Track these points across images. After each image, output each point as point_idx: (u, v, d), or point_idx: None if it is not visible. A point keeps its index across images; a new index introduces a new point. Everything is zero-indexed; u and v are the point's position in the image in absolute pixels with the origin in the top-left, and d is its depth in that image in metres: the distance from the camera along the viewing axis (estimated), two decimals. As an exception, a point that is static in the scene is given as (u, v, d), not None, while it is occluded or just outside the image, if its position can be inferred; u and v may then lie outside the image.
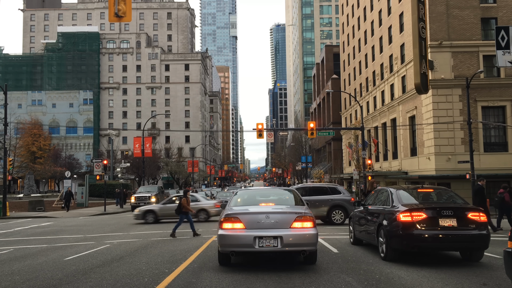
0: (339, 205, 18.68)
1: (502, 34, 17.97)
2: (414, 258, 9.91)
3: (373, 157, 46.25)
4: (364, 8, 52.68)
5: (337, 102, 67.89)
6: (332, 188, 19.68)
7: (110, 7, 11.78)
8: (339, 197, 18.98)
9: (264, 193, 10.96)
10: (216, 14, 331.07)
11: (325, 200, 18.62)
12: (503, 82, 32.98)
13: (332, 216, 18.63)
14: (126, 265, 9.46)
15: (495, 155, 32.49)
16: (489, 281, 7.62)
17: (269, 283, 7.39)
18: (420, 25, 25.41)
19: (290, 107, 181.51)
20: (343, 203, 18.78)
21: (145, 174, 57.92)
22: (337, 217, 18.66)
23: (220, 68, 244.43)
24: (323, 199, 18.58)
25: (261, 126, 33.12)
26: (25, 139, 74.57)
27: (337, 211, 18.68)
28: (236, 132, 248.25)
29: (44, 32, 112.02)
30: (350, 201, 18.90)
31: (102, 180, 42.57)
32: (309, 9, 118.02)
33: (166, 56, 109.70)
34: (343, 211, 18.72)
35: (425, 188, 10.68)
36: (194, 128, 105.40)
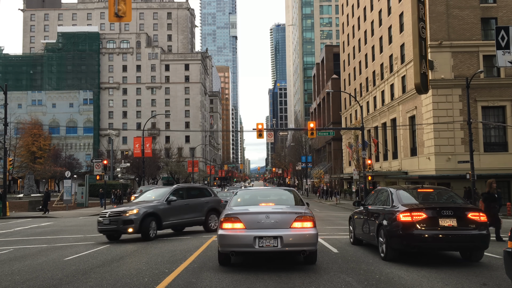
0: (214, 208, 16.75)
1: (502, 34, 17.97)
2: (414, 258, 9.91)
3: (373, 157, 46.26)
4: (364, 8, 52.68)
5: (337, 102, 67.90)
6: (205, 189, 17.67)
7: (110, 7, 11.78)
8: (213, 199, 17.04)
9: (264, 193, 10.94)
10: (216, 14, 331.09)
11: (203, 203, 16.43)
12: (503, 82, 32.99)
13: (208, 222, 16.42)
14: (126, 265, 9.46)
15: (495, 155, 32.51)
16: (489, 281, 7.62)
17: (269, 283, 7.39)
18: (420, 25, 25.41)
19: (290, 107, 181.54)
20: (217, 206, 16.92)
21: (145, 174, 57.92)
22: (212, 222, 16.48)
23: (220, 68, 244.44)
24: (202, 202, 16.40)
25: (261, 126, 33.12)
26: (25, 139, 74.56)
27: (212, 216, 16.57)
28: (236, 132, 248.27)
29: (44, 32, 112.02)
30: (221, 203, 17.24)
31: (102, 180, 42.57)
32: (309, 9, 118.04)
33: (166, 56, 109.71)
34: (217, 216, 16.50)
35: (425, 188, 10.68)
36: (194, 128, 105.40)
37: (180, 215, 15.29)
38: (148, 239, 13.96)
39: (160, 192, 15.92)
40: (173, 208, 15.11)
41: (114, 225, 13.86)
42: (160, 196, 15.30)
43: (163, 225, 14.79)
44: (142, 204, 14.51)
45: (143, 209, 14.10)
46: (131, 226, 13.79)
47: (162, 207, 14.74)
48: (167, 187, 16.83)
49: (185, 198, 15.76)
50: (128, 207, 14.42)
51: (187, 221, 15.72)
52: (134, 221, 13.83)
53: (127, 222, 13.80)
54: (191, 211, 15.76)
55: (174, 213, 15.13)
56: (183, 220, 15.56)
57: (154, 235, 14.25)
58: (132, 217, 13.83)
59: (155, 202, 14.85)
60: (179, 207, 15.26)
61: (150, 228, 14.06)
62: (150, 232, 14.05)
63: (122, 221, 13.80)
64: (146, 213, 14.10)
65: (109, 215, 14.12)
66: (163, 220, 14.70)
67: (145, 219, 13.99)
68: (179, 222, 15.55)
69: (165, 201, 14.96)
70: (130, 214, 13.84)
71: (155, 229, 14.41)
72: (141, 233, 14.05)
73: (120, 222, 13.80)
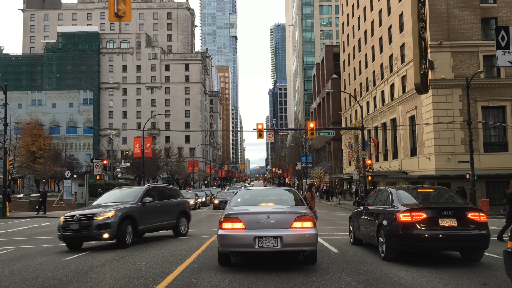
0: (185, 211, 15.49)
1: (502, 34, 17.96)
2: (414, 258, 9.91)
3: (373, 157, 46.26)
4: (364, 8, 52.68)
5: (337, 102, 67.90)
6: (174, 189, 16.24)
7: (110, 7, 11.78)
8: (182, 201, 15.79)
9: (264, 193, 10.95)
10: (216, 14, 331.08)
11: (175, 204, 15.11)
12: (503, 82, 32.99)
13: (179, 226, 15.05)
14: (126, 265, 9.46)
15: (495, 155, 32.51)
16: (489, 281, 7.62)
17: (269, 283, 7.39)
18: (420, 25, 25.41)
19: (290, 107, 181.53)
20: (187, 209, 15.73)
21: (145, 174, 57.94)
22: (182, 226, 15.20)
23: (220, 68, 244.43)
24: (173, 204, 15.08)
25: (261, 126, 33.12)
26: (25, 139, 74.57)
27: (183, 219, 15.28)
28: (236, 132, 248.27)
29: (44, 32, 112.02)
30: (189, 205, 16.30)
31: (102, 180, 42.59)
32: (309, 9, 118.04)
33: (166, 56, 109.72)
34: (186, 219, 15.54)
35: (425, 188, 10.68)
36: (194, 128, 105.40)
37: (154, 218, 13.79)
38: (124, 246, 12.19)
39: (129, 192, 14.19)
40: (148, 211, 13.46)
41: (85, 230, 11.86)
42: (132, 196, 13.48)
43: (139, 229, 12.99)
44: (117, 206, 12.55)
45: (119, 211, 12.22)
46: (107, 231, 11.85)
47: (138, 209, 12.95)
48: (137, 186, 15.20)
49: (157, 199, 14.17)
50: (100, 208, 12.38)
51: (161, 225, 14.24)
52: (111, 225, 11.89)
53: (102, 226, 11.84)
54: (164, 213, 14.28)
55: (149, 216, 13.51)
56: (157, 224, 14.03)
57: (130, 241, 12.49)
58: (108, 221, 11.88)
59: (130, 203, 12.99)
60: (153, 209, 13.73)
61: (127, 233, 12.32)
62: (127, 238, 12.32)
63: (96, 226, 11.81)
64: (123, 216, 12.25)
65: (78, 218, 11.98)
66: (139, 224, 12.91)
67: (122, 222, 12.16)
68: (153, 226, 13.92)
69: (140, 202, 13.19)
70: (106, 217, 11.89)
71: (131, 234, 12.62)
72: (117, 239, 12.18)
73: (94, 226, 11.80)
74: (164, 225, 14.31)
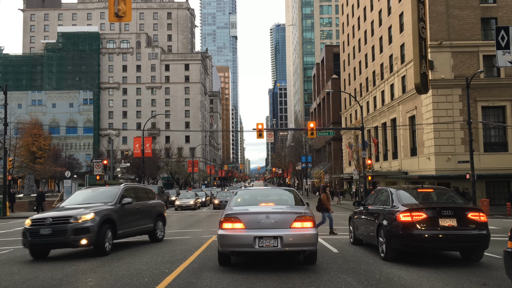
0: (161, 214, 14.16)
1: (502, 34, 17.97)
2: (414, 258, 9.91)
3: (373, 157, 46.26)
4: (364, 8, 52.68)
5: (337, 102, 67.90)
6: (149, 190, 14.71)
7: (110, 7, 11.78)
8: (158, 203, 14.35)
9: (264, 193, 10.95)
10: (216, 14, 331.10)
11: (152, 206, 13.76)
12: (503, 82, 33.00)
13: (156, 230, 13.63)
14: (126, 265, 9.46)
15: (495, 155, 32.52)
16: (489, 281, 7.63)
17: (269, 283, 7.39)
18: (420, 25, 25.41)
19: (290, 107, 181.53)
20: (163, 211, 14.35)
21: (145, 174, 57.95)
22: (159, 230, 13.84)
23: (220, 68, 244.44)
24: (150, 206, 13.68)
25: (261, 126, 33.12)
26: (25, 139, 74.52)
27: (159, 223, 13.87)
28: (236, 132, 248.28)
29: (44, 32, 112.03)
30: (164, 208, 14.83)
31: (102, 180, 42.54)
32: (309, 9, 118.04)
33: (166, 56, 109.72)
34: (163, 223, 14.19)
35: (425, 188, 10.68)
36: (194, 128, 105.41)
37: (133, 222, 12.41)
38: (103, 253, 10.72)
39: (103, 192, 12.70)
40: (127, 213, 12.04)
41: (59, 235, 10.26)
42: (109, 197, 11.97)
43: (118, 234, 11.54)
44: (95, 208, 11.04)
45: (99, 213, 10.79)
46: (85, 237, 10.37)
47: (117, 212, 11.51)
48: (112, 186, 13.79)
49: (134, 200, 12.73)
50: (77, 210, 10.85)
51: (139, 230, 12.84)
52: (90, 229, 10.41)
53: (80, 231, 10.33)
54: (142, 216, 12.92)
55: (128, 220, 12.08)
56: (136, 229, 12.62)
57: (109, 248, 11.04)
58: (87, 225, 10.40)
59: (109, 204, 11.50)
60: (132, 212, 12.36)
61: (106, 239, 10.89)
62: (106, 245, 10.86)
63: (73, 230, 10.27)
64: (104, 219, 10.84)
65: (51, 221, 10.36)
66: (118, 228, 11.48)
67: (102, 227, 10.75)
68: (132, 231, 12.47)
69: (119, 204, 11.76)
70: (84, 221, 10.41)
71: (111, 239, 11.22)
72: (95, 246, 10.68)
73: (70, 231, 10.25)
74: (142, 230, 12.96)
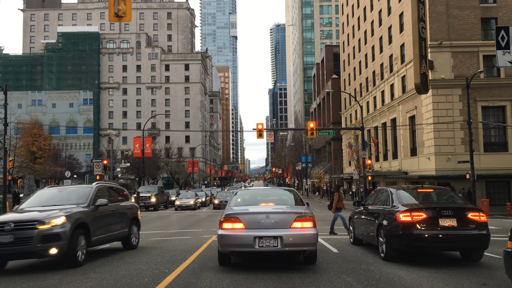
0: (136, 217, 12.39)
1: (502, 34, 17.98)
2: (414, 258, 9.92)
3: (373, 157, 46.26)
4: (364, 8, 52.68)
5: (337, 102, 67.89)
6: (122, 190, 12.71)
7: (110, 7, 11.78)
8: (132, 205, 12.54)
9: (264, 193, 10.96)
10: (216, 14, 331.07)
11: (126, 209, 11.96)
12: (503, 82, 33.00)
13: (131, 236, 11.85)
14: (126, 265, 9.46)
15: (495, 155, 32.51)
16: (489, 281, 7.63)
17: (269, 283, 7.39)
18: (420, 25, 25.42)
19: (290, 107, 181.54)
20: (137, 214, 12.57)
21: (145, 174, 57.96)
22: (134, 236, 12.08)
23: (220, 68, 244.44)
24: (125, 208, 11.90)
25: (261, 126, 33.12)
26: (25, 139, 74.50)
27: (134, 228, 12.09)
28: (236, 132, 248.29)
29: (44, 32, 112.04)
30: (139, 210, 12.94)
31: (102, 180, 42.57)
32: (309, 9, 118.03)
33: (166, 56, 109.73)
34: (137, 227, 12.45)
35: (425, 188, 10.69)
36: (194, 128, 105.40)
37: (108, 227, 10.71)
38: (75, 264, 9.06)
39: (73, 191, 10.98)
40: (102, 217, 10.38)
41: (23, 244, 8.46)
42: (80, 197, 10.27)
43: (92, 241, 9.86)
44: (66, 210, 9.28)
45: (71, 217, 9.07)
46: (56, 245, 8.61)
47: (91, 215, 9.86)
48: (82, 185, 12.26)
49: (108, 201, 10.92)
50: (46, 213, 9.05)
51: (114, 235, 11.09)
52: (62, 236, 8.67)
53: (49, 238, 8.58)
54: (117, 220, 11.23)
55: (102, 224, 10.40)
56: (111, 234, 10.88)
57: (82, 258, 9.35)
58: (57, 230, 8.63)
59: (82, 206, 9.81)
60: (107, 215, 10.68)
61: (79, 247, 9.21)
62: (79, 254, 9.16)
63: (41, 237, 8.50)
64: (77, 224, 9.18)
65: (13, 227, 8.52)
66: (93, 234, 9.81)
67: (75, 232, 9.06)
68: (107, 237, 10.73)
69: (93, 205, 10.08)
70: (54, 226, 8.65)
71: (85, 248, 9.50)
72: (66, 256, 8.89)
73: (37, 238, 8.47)
74: (117, 236, 11.22)
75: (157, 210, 35.37)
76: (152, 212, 33.27)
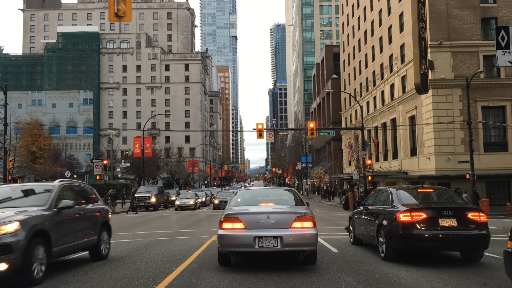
0: (107, 222, 10.59)
1: (502, 34, 17.98)
2: (414, 258, 9.92)
3: (373, 157, 46.26)
4: (364, 8, 52.68)
5: (337, 102, 67.90)
6: (90, 189, 10.73)
7: (110, 7, 11.78)
8: (101, 207, 10.60)
9: (264, 193, 10.96)
10: (216, 14, 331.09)
11: (94, 212, 10.10)
12: (503, 82, 33.00)
13: (100, 244, 10.00)
14: (126, 265, 9.46)
15: (495, 155, 32.52)
16: (489, 281, 7.63)
17: (269, 283, 7.39)
18: (420, 25, 25.42)
19: (290, 107, 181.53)
20: (107, 219, 10.69)
21: (145, 174, 57.95)
22: (103, 244, 10.20)
23: (220, 68, 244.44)
24: (93, 211, 10.05)
25: (261, 126, 33.13)
26: (25, 139, 74.49)
27: (104, 234, 10.26)
28: (236, 132, 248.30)
29: (44, 32, 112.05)
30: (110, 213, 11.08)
31: (102, 180, 42.55)
32: (309, 9, 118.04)
33: (166, 56, 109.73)
34: (108, 234, 10.61)
35: (425, 188, 10.69)
36: (194, 128, 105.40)
37: (73, 235, 8.85)
38: (31, 282, 7.18)
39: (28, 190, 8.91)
40: (66, 222, 8.55)
41: None
42: (38, 198, 8.50)
43: (53, 253, 7.96)
44: (21, 213, 7.44)
45: (26, 222, 7.22)
46: (6, 259, 6.74)
47: (52, 220, 8.01)
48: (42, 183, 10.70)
49: (74, 203, 9.06)
50: None
51: (80, 244, 9.18)
52: (14, 247, 6.86)
53: None
54: (84, 226, 9.42)
55: (67, 231, 8.57)
56: (76, 244, 8.97)
57: (41, 275, 7.47)
58: (8, 240, 6.84)
59: (41, 209, 7.96)
60: (72, 220, 8.87)
61: (36, 261, 7.35)
62: (36, 268, 7.33)
63: None
64: (35, 231, 7.33)
65: None
66: (54, 244, 7.92)
67: (31, 242, 7.20)
68: (72, 247, 8.84)
69: (54, 208, 8.24)
70: (4, 234, 6.84)
71: (44, 262, 7.63)
72: (19, 272, 6.98)
73: None
74: (84, 244, 9.37)
75: (157, 210, 35.38)
76: (152, 212, 33.29)
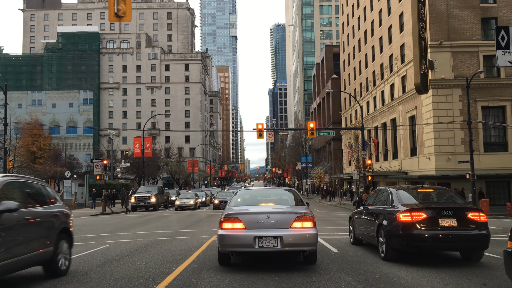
0: (66, 228, 8.49)
1: (502, 34, 17.99)
2: (414, 258, 9.91)
3: (373, 157, 46.26)
4: (364, 8, 52.68)
5: (337, 102, 67.90)
6: (44, 187, 8.48)
7: (110, 7, 11.78)
8: (60, 210, 8.50)
9: (264, 193, 10.95)
10: (216, 14, 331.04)
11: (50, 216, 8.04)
12: (503, 82, 33.00)
13: (57, 256, 7.95)
14: (126, 265, 9.46)
15: (495, 155, 32.53)
16: (489, 281, 7.63)
17: (269, 283, 7.39)
18: (420, 25, 25.42)
19: (290, 107, 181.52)
20: (67, 224, 8.62)
21: (145, 174, 57.96)
22: (62, 256, 8.17)
23: (220, 68, 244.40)
24: (48, 215, 7.99)
25: (261, 126, 33.14)
26: (25, 139, 74.49)
27: (63, 244, 8.27)
28: (236, 132, 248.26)
29: (44, 32, 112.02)
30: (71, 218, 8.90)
31: (102, 180, 42.57)
32: (309, 9, 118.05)
33: (166, 56, 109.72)
34: (68, 243, 8.55)
35: (425, 188, 10.68)
36: (194, 128, 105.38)
37: (19, 246, 6.81)
38: None
39: None
40: (11, 229, 6.59)
41: None
42: None
43: None
44: None
45: None
46: None
47: None
48: None
49: (22, 204, 7.07)
50: None
51: (28, 259, 7.06)
52: None
53: None
54: (36, 234, 7.35)
55: (10, 242, 6.55)
56: (23, 258, 6.89)
57: None
58: None
59: None
60: (18, 227, 6.82)
61: None
62: None
63: None
64: None
65: None
66: None
67: None
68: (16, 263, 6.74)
69: None
70: None
71: None
72: None
73: None
74: (34, 258, 7.26)
75: (157, 210, 35.39)
76: (152, 212, 33.30)
